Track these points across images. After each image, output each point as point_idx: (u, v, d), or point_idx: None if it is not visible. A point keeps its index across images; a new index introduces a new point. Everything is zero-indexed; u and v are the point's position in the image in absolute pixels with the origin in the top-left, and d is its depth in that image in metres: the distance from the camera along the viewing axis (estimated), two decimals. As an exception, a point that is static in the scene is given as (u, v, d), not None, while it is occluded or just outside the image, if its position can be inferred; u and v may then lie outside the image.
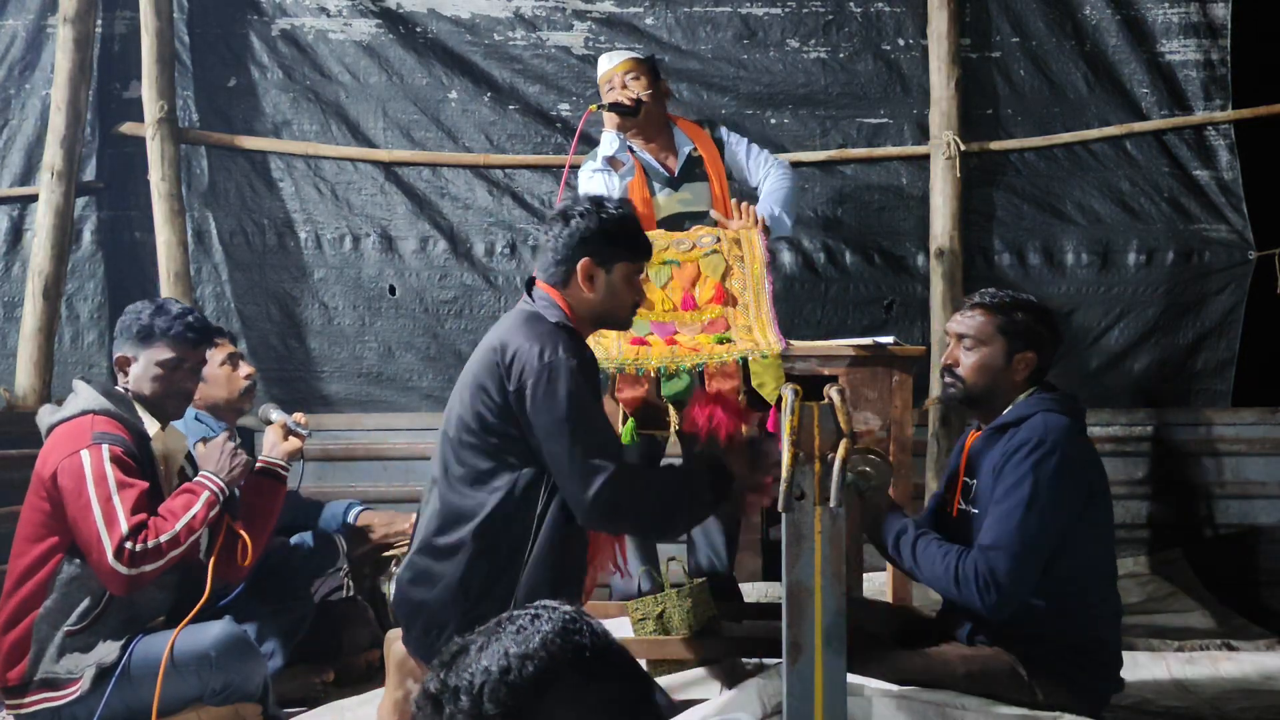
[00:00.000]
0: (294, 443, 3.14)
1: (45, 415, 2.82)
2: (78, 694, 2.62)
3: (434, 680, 1.21)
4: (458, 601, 2.44)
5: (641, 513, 2.49)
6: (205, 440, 3.05)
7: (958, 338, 2.72)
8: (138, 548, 2.59)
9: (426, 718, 1.21)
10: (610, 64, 3.73)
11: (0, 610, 2.73)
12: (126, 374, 2.85)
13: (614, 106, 3.58)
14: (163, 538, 2.63)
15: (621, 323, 2.70)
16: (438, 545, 2.49)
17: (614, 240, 2.59)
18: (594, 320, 2.65)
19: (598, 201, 2.61)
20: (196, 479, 2.79)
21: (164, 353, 2.83)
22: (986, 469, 2.63)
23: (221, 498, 2.77)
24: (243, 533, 2.82)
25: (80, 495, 2.61)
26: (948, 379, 2.73)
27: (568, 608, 1.24)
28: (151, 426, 2.82)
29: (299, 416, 3.22)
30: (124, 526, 2.59)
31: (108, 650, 2.65)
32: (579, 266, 2.56)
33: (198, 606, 2.71)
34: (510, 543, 2.45)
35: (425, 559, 2.51)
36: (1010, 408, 2.68)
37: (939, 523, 2.76)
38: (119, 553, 2.58)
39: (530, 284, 2.65)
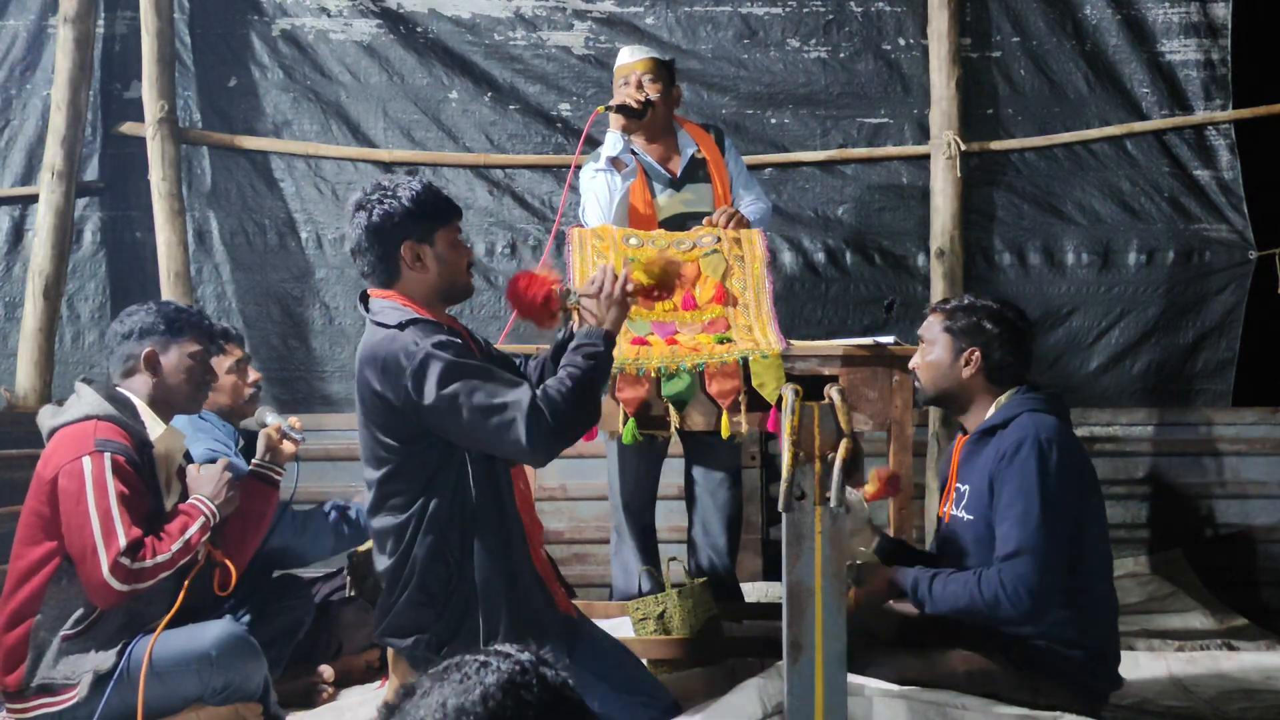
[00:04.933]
0: (288, 447, 3.16)
1: (46, 417, 2.81)
2: (76, 699, 2.61)
3: None
4: (430, 608, 2.45)
5: (579, 416, 2.38)
6: (200, 462, 3.07)
7: (919, 341, 2.84)
8: (134, 565, 2.60)
9: None
10: (631, 58, 3.65)
11: (0, 613, 2.72)
12: (156, 369, 2.85)
13: (621, 109, 3.54)
14: (160, 558, 2.65)
15: (464, 288, 2.62)
16: (393, 565, 2.48)
17: (423, 211, 2.50)
18: (441, 299, 2.58)
19: (384, 185, 2.53)
20: (190, 502, 2.80)
21: (193, 344, 2.90)
22: (977, 474, 2.65)
23: (212, 523, 2.79)
24: (225, 560, 2.84)
25: (79, 503, 2.60)
26: (915, 383, 2.86)
27: (524, 656, 1.17)
28: (155, 429, 2.82)
29: (294, 421, 3.23)
30: (122, 541, 2.59)
31: (105, 654, 2.64)
32: (401, 253, 2.50)
33: (165, 620, 2.69)
34: (458, 538, 2.44)
35: (387, 581, 2.50)
36: (995, 410, 2.70)
37: (937, 531, 2.79)
38: (115, 568, 2.58)
39: (365, 298, 2.58)
